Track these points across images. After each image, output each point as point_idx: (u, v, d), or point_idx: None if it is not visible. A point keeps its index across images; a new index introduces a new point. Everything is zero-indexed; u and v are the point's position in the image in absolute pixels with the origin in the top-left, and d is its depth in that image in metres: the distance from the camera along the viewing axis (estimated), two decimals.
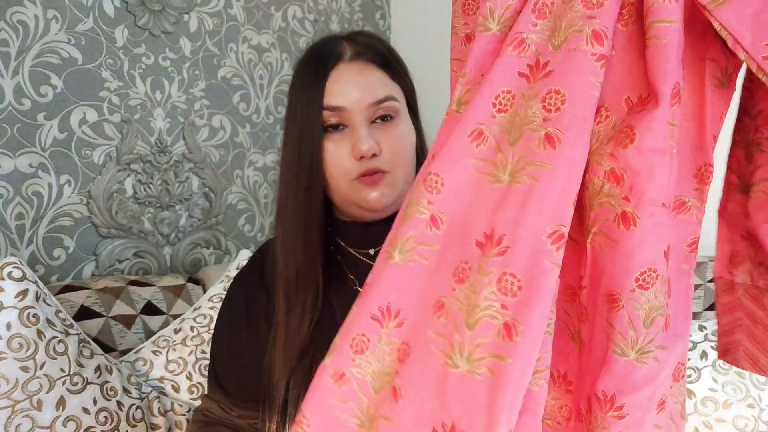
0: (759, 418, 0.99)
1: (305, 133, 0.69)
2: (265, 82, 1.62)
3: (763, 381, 1.01)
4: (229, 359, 0.76)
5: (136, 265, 1.33)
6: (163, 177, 1.37)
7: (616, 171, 0.38)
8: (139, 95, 1.32)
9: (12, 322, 0.85)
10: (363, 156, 0.67)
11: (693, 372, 1.05)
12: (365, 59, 0.71)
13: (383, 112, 0.70)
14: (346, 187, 0.69)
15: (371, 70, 0.71)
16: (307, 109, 0.69)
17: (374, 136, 0.69)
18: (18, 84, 1.12)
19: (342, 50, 0.71)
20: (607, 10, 0.38)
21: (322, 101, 0.68)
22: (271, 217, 1.66)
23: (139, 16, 1.31)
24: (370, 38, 0.75)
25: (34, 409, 0.83)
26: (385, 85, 0.71)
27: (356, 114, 0.68)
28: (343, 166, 0.68)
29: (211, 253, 1.50)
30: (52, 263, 1.18)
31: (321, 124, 0.68)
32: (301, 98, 0.70)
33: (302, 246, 0.70)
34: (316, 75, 0.70)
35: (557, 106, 0.38)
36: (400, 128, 0.71)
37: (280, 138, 1.67)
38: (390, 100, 0.70)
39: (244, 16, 1.56)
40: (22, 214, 1.13)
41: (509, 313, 0.36)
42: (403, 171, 0.71)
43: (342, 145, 0.69)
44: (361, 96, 0.68)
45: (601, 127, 0.40)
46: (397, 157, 0.70)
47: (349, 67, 0.70)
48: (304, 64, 0.73)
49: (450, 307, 0.39)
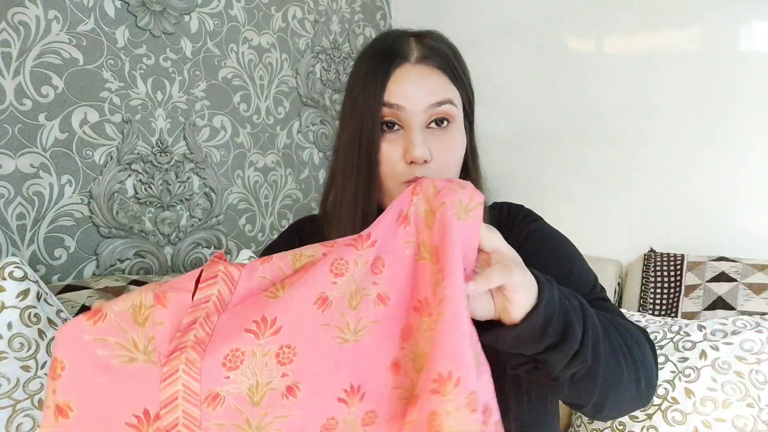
0: (758, 417, 1.00)
1: (365, 127, 0.69)
2: (266, 83, 1.63)
3: (762, 381, 1.02)
4: None
5: (137, 264, 1.33)
6: (164, 177, 1.38)
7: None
8: (140, 96, 1.32)
9: (13, 321, 0.85)
10: (414, 161, 0.68)
11: (692, 372, 1.05)
12: (431, 63, 0.71)
13: (440, 115, 0.70)
14: (394, 188, 0.70)
15: (435, 75, 0.71)
16: (367, 102, 0.69)
17: (427, 141, 0.69)
18: (19, 84, 1.12)
19: (409, 50, 0.71)
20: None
21: (382, 97, 0.68)
22: (271, 218, 1.67)
23: (140, 16, 1.32)
24: (438, 41, 0.74)
25: (35, 409, 0.83)
26: (446, 88, 0.71)
27: (414, 116, 0.69)
28: (394, 168, 0.69)
29: (211, 253, 1.50)
30: (53, 263, 1.19)
31: (379, 120, 0.69)
32: (363, 89, 0.70)
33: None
34: (380, 70, 0.70)
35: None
36: (453, 136, 0.71)
37: (279, 138, 1.68)
38: (449, 103, 0.70)
39: (244, 17, 1.56)
40: (23, 214, 1.13)
41: (381, 287, 0.48)
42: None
43: (395, 146, 0.69)
44: (420, 97, 0.69)
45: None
46: (446, 167, 0.71)
47: (413, 69, 0.70)
48: (368, 56, 0.73)
49: (333, 298, 0.47)
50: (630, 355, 0.61)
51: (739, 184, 1.40)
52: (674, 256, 1.40)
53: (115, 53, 1.27)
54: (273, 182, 1.67)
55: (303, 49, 1.74)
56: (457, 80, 0.73)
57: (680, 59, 1.46)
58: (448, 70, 0.72)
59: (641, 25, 1.51)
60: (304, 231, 0.81)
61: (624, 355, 0.60)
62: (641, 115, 1.53)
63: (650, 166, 1.52)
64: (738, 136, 1.40)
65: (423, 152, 0.67)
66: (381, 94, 0.68)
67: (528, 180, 1.72)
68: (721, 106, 1.41)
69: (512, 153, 1.71)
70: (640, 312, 1.30)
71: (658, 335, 1.14)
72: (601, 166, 1.61)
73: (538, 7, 1.68)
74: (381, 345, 0.46)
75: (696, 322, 1.14)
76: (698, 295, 1.30)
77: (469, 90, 0.76)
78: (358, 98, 0.70)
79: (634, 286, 1.45)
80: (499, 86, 1.71)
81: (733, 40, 1.39)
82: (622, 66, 1.55)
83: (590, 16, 1.59)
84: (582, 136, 1.63)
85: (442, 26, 0.81)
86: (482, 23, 1.79)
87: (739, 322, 1.11)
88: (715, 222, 1.44)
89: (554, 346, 0.53)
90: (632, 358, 0.61)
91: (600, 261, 1.49)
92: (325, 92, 1.82)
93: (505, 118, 1.73)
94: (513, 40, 1.74)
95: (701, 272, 1.33)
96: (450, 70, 0.72)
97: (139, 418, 0.39)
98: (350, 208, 0.71)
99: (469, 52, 0.79)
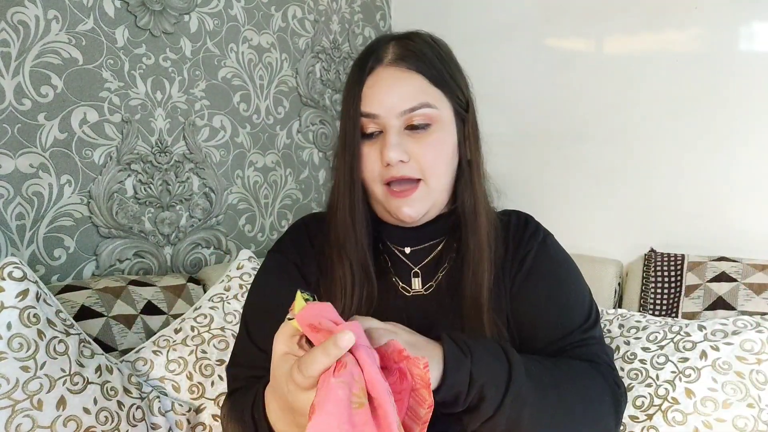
0: (759, 417, 0.99)
1: (348, 137, 0.72)
2: (265, 83, 1.63)
3: (763, 381, 1.01)
4: (267, 322, 0.77)
5: (136, 265, 1.33)
6: (163, 177, 1.37)
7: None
8: (140, 95, 1.32)
9: (12, 322, 0.85)
10: (389, 163, 0.70)
11: (693, 372, 1.05)
12: (404, 65, 0.72)
13: (417, 120, 0.71)
14: (380, 192, 0.73)
15: (408, 77, 0.72)
16: (348, 112, 0.72)
17: (404, 143, 0.71)
18: (18, 84, 1.12)
19: (383, 53, 0.73)
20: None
21: (359, 107, 0.71)
22: (271, 218, 1.67)
23: (140, 16, 1.32)
24: (419, 42, 0.74)
25: (34, 409, 0.83)
26: (422, 91, 0.71)
27: (388, 120, 0.70)
28: (373, 170, 0.72)
29: (211, 253, 1.50)
30: (53, 263, 1.19)
31: (360, 130, 0.72)
32: (345, 98, 0.74)
33: (354, 242, 0.74)
34: (356, 78, 0.73)
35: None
36: (435, 136, 0.72)
37: (279, 138, 1.68)
38: (425, 107, 0.71)
39: (244, 17, 1.56)
40: (23, 214, 1.13)
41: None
42: (435, 180, 0.73)
43: (373, 150, 0.72)
44: (393, 103, 0.70)
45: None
46: (429, 165, 0.72)
47: (385, 72, 0.72)
48: (353, 65, 0.76)
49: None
50: (571, 417, 0.66)
51: (740, 184, 1.40)
52: (675, 256, 1.40)
53: (114, 53, 1.27)
54: (273, 182, 1.67)
55: (303, 48, 1.73)
56: (439, 81, 0.73)
57: (680, 59, 1.46)
58: (425, 70, 0.72)
59: (641, 25, 1.51)
60: (311, 230, 0.82)
61: (563, 416, 0.65)
62: (641, 115, 1.53)
63: (650, 166, 1.52)
64: (738, 136, 1.40)
65: (397, 154, 0.70)
66: (358, 103, 0.71)
67: (528, 180, 1.72)
68: (721, 106, 1.41)
69: (512, 153, 1.71)
70: (640, 312, 1.30)
71: (659, 335, 1.14)
72: (602, 166, 1.60)
73: (538, 7, 1.68)
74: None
75: (696, 322, 1.14)
76: (699, 295, 1.30)
77: (459, 89, 0.75)
78: (343, 106, 0.74)
79: (634, 286, 1.45)
80: (499, 86, 1.71)
81: (733, 40, 1.39)
82: (622, 66, 1.55)
83: (590, 16, 1.59)
84: (582, 136, 1.63)
85: (442, 26, 0.80)
86: (482, 23, 1.79)
87: (740, 322, 1.11)
88: (716, 222, 1.44)
89: (467, 412, 0.61)
90: (573, 418, 0.66)
91: (600, 261, 1.49)
92: (325, 92, 1.81)
93: (505, 118, 1.73)
94: (513, 40, 1.74)
95: (702, 272, 1.33)
96: (428, 70, 0.72)
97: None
98: (342, 213, 0.74)
99: (469, 52, 0.79)
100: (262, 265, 0.83)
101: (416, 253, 0.80)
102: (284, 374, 0.50)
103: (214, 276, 1.33)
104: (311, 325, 0.51)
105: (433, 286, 0.78)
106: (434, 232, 0.80)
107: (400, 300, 0.77)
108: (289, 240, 0.83)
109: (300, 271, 0.79)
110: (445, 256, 0.79)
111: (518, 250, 0.78)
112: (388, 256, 0.80)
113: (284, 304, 0.77)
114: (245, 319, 0.79)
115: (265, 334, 0.76)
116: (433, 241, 0.80)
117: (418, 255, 0.80)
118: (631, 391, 1.08)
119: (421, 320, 0.71)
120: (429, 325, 0.71)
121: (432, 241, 0.80)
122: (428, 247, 0.80)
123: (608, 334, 1.21)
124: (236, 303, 1.19)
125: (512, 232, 0.80)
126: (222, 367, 1.09)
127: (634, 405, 1.06)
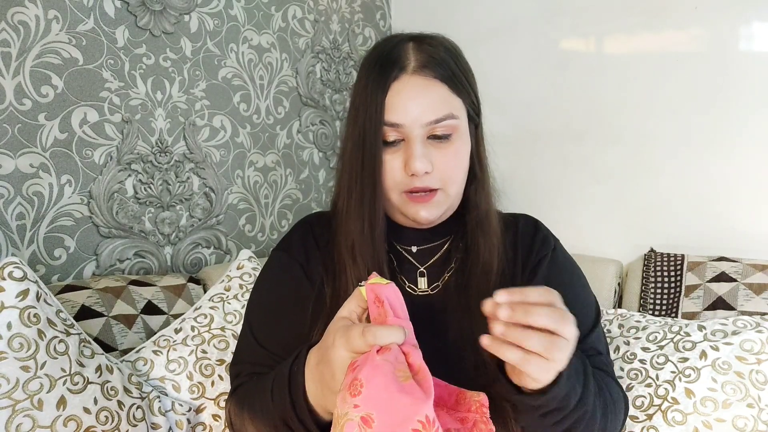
0: (758, 417, 0.99)
1: (367, 143, 0.70)
2: (265, 83, 1.63)
3: (762, 381, 1.01)
4: (270, 320, 0.77)
5: (136, 264, 1.33)
6: (163, 177, 1.37)
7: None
8: (140, 95, 1.32)
9: (13, 321, 0.85)
10: (414, 174, 0.70)
11: (693, 372, 1.05)
12: (429, 73, 0.71)
13: (441, 131, 0.71)
14: (396, 198, 0.73)
15: (433, 86, 0.71)
16: (368, 118, 0.70)
17: (428, 154, 0.70)
18: (19, 84, 1.12)
19: (406, 59, 0.71)
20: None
21: (383, 115, 0.69)
22: (271, 218, 1.67)
23: (140, 16, 1.32)
24: (437, 46, 0.73)
25: (34, 409, 0.83)
26: (445, 101, 0.71)
27: (413, 130, 0.70)
28: (395, 179, 0.71)
29: (211, 253, 1.50)
30: (53, 263, 1.19)
31: (381, 136, 0.70)
32: (364, 103, 0.71)
33: (370, 245, 0.73)
34: (379, 84, 0.70)
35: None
36: (456, 146, 0.72)
37: (279, 138, 1.67)
38: (449, 119, 0.70)
39: (244, 17, 1.56)
40: (23, 214, 1.13)
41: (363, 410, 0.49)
42: (454, 188, 0.74)
43: (396, 158, 0.71)
44: (419, 114, 0.69)
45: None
46: (449, 175, 0.72)
47: (411, 81, 0.70)
48: (369, 65, 0.73)
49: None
50: (603, 426, 0.67)
51: (740, 184, 1.40)
52: (674, 256, 1.40)
53: (114, 53, 1.27)
54: (273, 182, 1.67)
55: (303, 48, 1.74)
56: (459, 88, 0.73)
57: (680, 59, 1.46)
58: (448, 78, 0.71)
59: (641, 25, 1.51)
60: (316, 230, 0.82)
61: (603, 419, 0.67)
62: (641, 115, 1.53)
63: (650, 166, 1.52)
64: (738, 136, 1.40)
65: (423, 165, 0.69)
66: (381, 111, 0.69)
67: (528, 180, 1.72)
68: (722, 106, 1.41)
69: (512, 153, 1.71)
70: (640, 312, 1.30)
71: (659, 335, 1.14)
72: (601, 166, 1.61)
73: (538, 7, 1.68)
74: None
75: (696, 323, 1.14)
76: (698, 295, 1.30)
77: (473, 94, 0.76)
78: (359, 111, 0.71)
79: (634, 286, 1.45)
80: (499, 86, 1.71)
81: (733, 40, 1.39)
82: (622, 66, 1.55)
83: (590, 16, 1.59)
84: (582, 136, 1.63)
85: (442, 26, 0.81)
86: (482, 23, 1.79)
87: (740, 322, 1.11)
88: (716, 222, 1.44)
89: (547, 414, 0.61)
90: (604, 426, 0.68)
91: (600, 261, 1.49)
92: (325, 92, 1.82)
93: (505, 118, 1.73)
94: (513, 40, 1.74)
95: (701, 272, 1.33)
96: (449, 78, 0.72)
97: (423, 423, 0.47)
98: (356, 218, 0.72)
99: (469, 52, 0.79)
100: (267, 263, 0.83)
101: (422, 252, 0.80)
102: (337, 329, 0.53)
103: (215, 276, 1.33)
104: (378, 298, 0.54)
105: (439, 285, 0.78)
106: (441, 231, 0.80)
107: (406, 299, 0.78)
108: (295, 239, 0.83)
109: (304, 271, 0.78)
110: (452, 256, 0.79)
111: (530, 257, 0.79)
112: (395, 255, 0.80)
113: (287, 302, 0.77)
114: (248, 317, 0.80)
115: (268, 332, 0.76)
116: (439, 240, 0.80)
117: (425, 254, 0.80)
118: (631, 391, 1.08)
119: (426, 319, 0.71)
120: (435, 324, 0.71)
121: (438, 241, 0.80)
122: (434, 247, 0.80)
123: (608, 334, 1.21)
124: (236, 303, 1.19)
125: (521, 237, 0.80)
126: (222, 367, 1.09)
127: (633, 405, 1.07)
